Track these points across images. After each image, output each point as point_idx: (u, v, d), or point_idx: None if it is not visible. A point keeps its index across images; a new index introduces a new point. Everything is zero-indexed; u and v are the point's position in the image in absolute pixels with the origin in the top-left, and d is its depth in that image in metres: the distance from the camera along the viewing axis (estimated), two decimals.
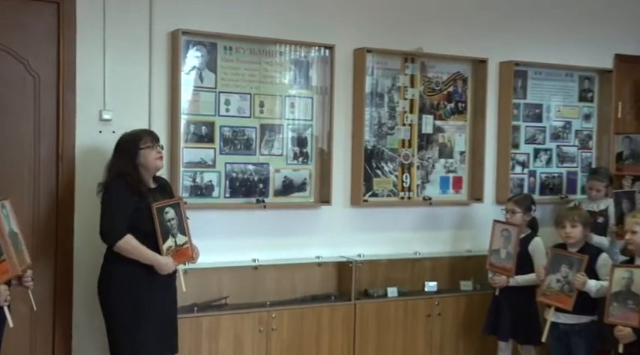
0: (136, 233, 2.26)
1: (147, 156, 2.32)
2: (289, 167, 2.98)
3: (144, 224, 2.27)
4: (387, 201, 3.17)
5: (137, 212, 2.26)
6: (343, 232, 3.09)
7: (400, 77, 3.21)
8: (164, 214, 2.31)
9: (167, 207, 2.32)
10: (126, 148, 2.32)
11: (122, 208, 2.23)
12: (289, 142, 2.96)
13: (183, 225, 2.38)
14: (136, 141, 2.32)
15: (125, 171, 2.28)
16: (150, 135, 2.37)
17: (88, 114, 2.60)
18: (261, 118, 2.90)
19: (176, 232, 2.35)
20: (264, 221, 2.91)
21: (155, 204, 2.28)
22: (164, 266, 2.27)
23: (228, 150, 2.84)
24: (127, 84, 2.65)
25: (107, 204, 2.25)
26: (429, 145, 3.30)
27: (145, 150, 2.31)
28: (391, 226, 3.20)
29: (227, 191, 2.84)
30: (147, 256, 2.25)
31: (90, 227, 2.47)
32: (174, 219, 2.34)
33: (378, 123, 3.16)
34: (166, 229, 2.31)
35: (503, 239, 2.94)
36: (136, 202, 2.26)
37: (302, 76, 2.98)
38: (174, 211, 2.35)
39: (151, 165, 2.33)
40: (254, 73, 2.87)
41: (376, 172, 3.17)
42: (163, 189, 2.46)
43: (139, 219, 2.26)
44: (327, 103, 3.00)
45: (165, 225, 2.30)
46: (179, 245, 2.35)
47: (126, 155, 2.31)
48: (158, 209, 2.29)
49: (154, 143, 2.35)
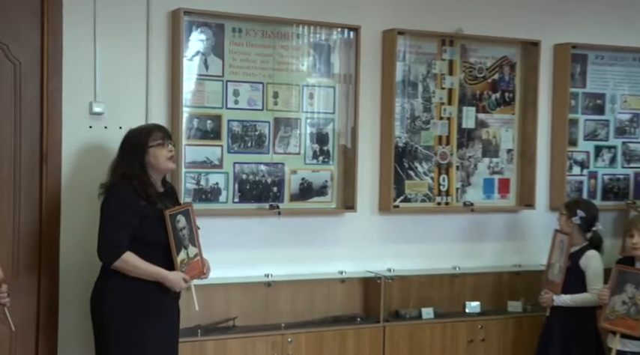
0: (142, 244, 2.15)
1: (157, 155, 2.21)
2: (308, 167, 2.90)
3: (152, 233, 2.17)
4: (421, 207, 3.09)
5: (145, 220, 2.15)
6: (370, 243, 3.02)
7: (437, 63, 3.11)
8: (176, 222, 2.22)
9: (178, 214, 2.23)
10: (133, 145, 2.22)
11: (124, 217, 2.13)
12: (308, 139, 2.89)
13: (194, 235, 2.30)
14: (145, 138, 2.21)
15: (132, 171, 2.17)
16: (161, 130, 2.27)
17: (76, 107, 2.53)
18: (275, 111, 2.82)
19: (187, 243, 2.27)
20: (278, 230, 2.83)
21: (168, 211, 2.18)
22: (174, 282, 2.18)
23: (238, 147, 2.77)
24: (121, 72, 2.58)
25: (107, 213, 2.15)
26: (470, 142, 3.20)
27: (155, 149, 2.20)
28: (426, 236, 3.12)
29: (236, 195, 2.77)
30: (151, 273, 2.16)
31: (79, 237, 2.44)
32: (186, 228, 2.26)
33: (411, 117, 3.08)
34: (179, 240, 2.22)
35: (559, 251, 2.84)
36: (143, 208, 2.15)
37: (322, 62, 2.90)
38: (185, 219, 2.26)
39: (162, 165, 2.22)
40: (267, 59, 2.80)
41: (408, 174, 3.08)
42: (171, 194, 2.37)
43: (147, 227, 2.16)
44: (351, 94, 2.92)
45: (177, 234, 2.20)
46: (191, 257, 2.26)
47: (133, 153, 2.20)
48: (172, 216, 2.19)
49: (166, 140, 2.24)
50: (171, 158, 2.28)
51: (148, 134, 2.22)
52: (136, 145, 2.22)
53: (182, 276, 2.22)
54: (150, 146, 2.20)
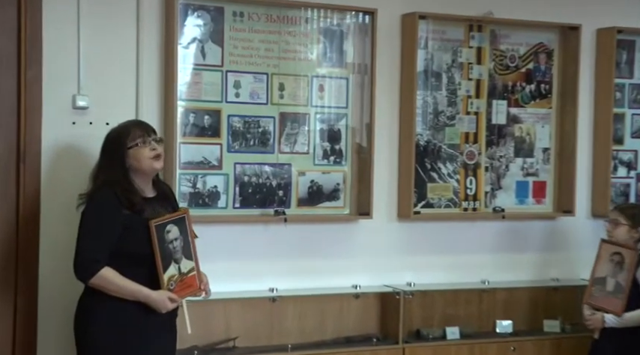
0: (125, 259, 2.10)
1: (138, 157, 2.14)
2: (317, 168, 2.84)
3: (138, 246, 2.10)
4: (445, 214, 3.03)
5: (128, 231, 2.09)
6: (388, 253, 2.96)
7: (463, 51, 3.05)
8: (165, 233, 2.14)
9: (169, 223, 2.15)
10: (111, 148, 2.16)
11: (104, 229, 2.07)
12: (317, 136, 2.84)
13: (190, 247, 2.22)
14: (122, 139, 2.14)
15: (113, 178, 2.11)
16: (140, 127, 2.19)
17: (58, 101, 2.47)
18: (281, 105, 2.77)
19: (180, 256, 2.18)
20: (284, 239, 2.78)
21: (153, 221, 2.10)
22: (158, 302, 2.11)
23: (239, 146, 2.71)
24: (108, 61, 2.53)
25: (85, 224, 2.10)
26: (501, 140, 3.13)
27: (134, 150, 2.13)
28: (451, 246, 3.05)
29: (236, 200, 2.71)
30: (132, 292, 2.09)
31: (61, 249, 2.36)
32: (179, 239, 2.18)
33: (434, 112, 3.01)
34: (168, 253, 2.14)
35: (612, 265, 2.74)
36: (126, 218, 2.09)
37: (334, 50, 2.83)
38: (178, 229, 2.18)
39: (145, 167, 2.15)
40: (272, 47, 2.73)
41: (431, 176, 3.01)
42: (165, 198, 2.27)
43: (130, 240, 2.09)
44: (366, 86, 2.87)
45: (166, 247, 2.13)
46: (184, 273, 2.17)
47: (113, 157, 2.15)
48: (158, 227, 2.11)
49: (146, 137, 2.17)
50: (157, 157, 2.18)
51: (125, 134, 2.15)
52: (114, 148, 2.16)
53: (168, 296, 2.13)
54: (129, 147, 2.13)
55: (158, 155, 2.18)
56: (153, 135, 2.21)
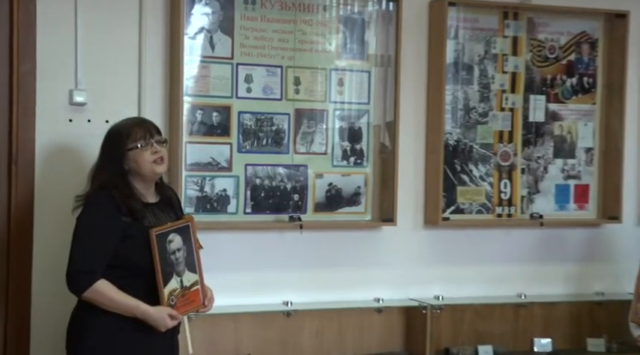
0: (124, 270, 2.04)
1: (138, 160, 2.08)
2: (336, 170, 2.77)
3: (137, 256, 2.04)
4: (477, 220, 2.95)
5: (127, 240, 2.03)
6: (414, 264, 2.90)
7: (497, 41, 2.96)
8: (167, 244, 2.07)
9: (172, 232, 2.09)
10: (110, 149, 2.11)
11: (100, 238, 2.01)
12: (336, 135, 2.77)
13: (194, 258, 2.16)
14: (122, 139, 2.08)
15: (111, 181, 2.06)
16: (142, 127, 2.13)
17: (53, 97, 2.43)
18: (296, 101, 2.70)
19: (183, 269, 2.12)
20: (300, 247, 2.72)
21: (155, 230, 2.06)
22: (157, 320, 2.04)
23: (250, 146, 2.65)
24: (109, 53, 2.49)
25: (79, 232, 2.04)
26: (539, 139, 3.04)
27: (135, 152, 2.07)
28: (483, 256, 2.97)
29: (248, 204, 2.65)
30: (128, 308, 2.02)
31: (55, 257, 2.30)
32: (182, 250, 2.11)
33: (465, 108, 2.92)
34: (169, 265, 2.08)
35: None
36: (125, 226, 2.03)
37: (355, 40, 2.76)
38: (181, 238, 2.11)
39: (145, 171, 2.09)
40: (286, 37, 2.67)
41: (461, 178, 2.93)
42: (169, 204, 2.21)
43: (129, 250, 2.04)
44: (390, 80, 2.80)
45: (167, 259, 2.07)
46: (186, 287, 2.12)
47: (111, 159, 2.10)
48: (159, 236, 2.05)
49: (149, 139, 2.10)
50: (159, 160, 2.11)
51: (126, 134, 2.09)
52: (113, 149, 2.10)
53: (168, 313, 2.06)
54: (128, 149, 2.07)
55: (161, 158, 2.11)
56: (157, 135, 2.15)
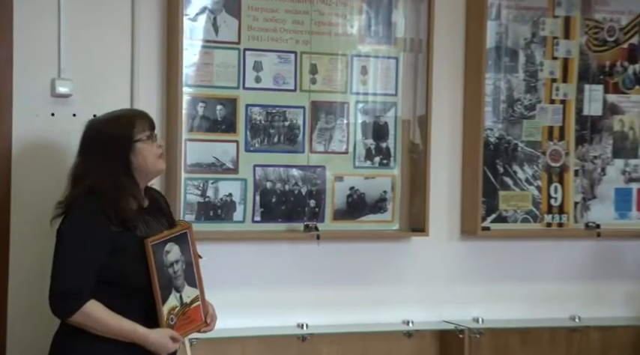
0: (114, 288, 1.94)
1: (146, 153, 1.99)
2: (359, 172, 2.68)
3: (131, 272, 1.95)
4: (522, 230, 2.84)
5: (118, 254, 1.94)
6: (448, 281, 2.81)
7: (547, 21, 2.84)
8: (164, 255, 2.00)
9: (169, 242, 2.01)
10: (112, 142, 1.99)
11: (88, 252, 1.92)
12: (359, 132, 2.68)
13: (193, 271, 2.08)
14: (127, 129, 1.99)
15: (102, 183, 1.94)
16: (144, 118, 2.06)
17: (33, 87, 2.37)
18: (312, 92, 2.61)
19: (182, 283, 2.04)
20: (316, 261, 2.64)
21: (150, 240, 1.97)
22: (157, 345, 1.95)
23: (260, 144, 2.56)
24: (97, 37, 2.41)
25: (63, 246, 1.93)
26: (595, 136, 2.93)
27: (143, 144, 1.99)
28: (530, 272, 2.88)
29: (257, 211, 2.56)
30: (124, 333, 1.93)
31: (34, 272, 2.24)
32: (180, 262, 2.04)
33: (508, 100, 2.82)
34: (167, 280, 2.00)
35: None
36: (115, 237, 1.94)
37: (380, 22, 2.66)
38: (179, 248, 2.04)
39: (151, 167, 2.02)
40: (302, 19, 2.57)
41: (504, 181, 2.82)
42: (158, 209, 2.13)
43: (121, 264, 1.94)
44: (421, 67, 2.70)
45: (165, 272, 1.99)
46: (186, 303, 2.04)
47: (111, 153, 1.98)
48: (156, 247, 1.98)
49: (152, 132, 2.04)
50: (162, 157, 2.06)
51: (131, 124, 1.99)
52: (115, 141, 1.98)
53: (170, 335, 1.96)
54: (136, 140, 1.98)
55: (162, 154, 2.06)
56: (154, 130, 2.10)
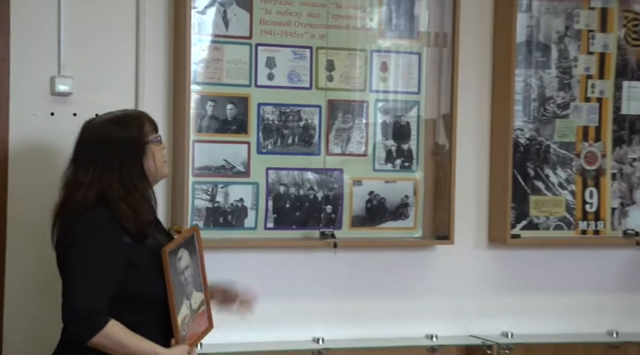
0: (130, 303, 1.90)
1: (156, 156, 1.97)
2: (379, 176, 2.66)
3: (146, 284, 1.92)
4: (555, 238, 2.81)
5: (133, 267, 1.89)
6: (475, 292, 2.79)
7: (581, 13, 2.81)
8: (177, 262, 1.98)
9: (180, 248, 2.00)
10: (125, 144, 1.94)
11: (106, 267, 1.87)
12: (379, 132, 2.66)
13: (199, 274, 2.07)
14: (140, 129, 1.95)
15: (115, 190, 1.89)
16: (150, 120, 2.02)
17: (31, 85, 2.36)
18: (329, 90, 2.59)
19: (191, 290, 2.03)
20: (333, 271, 2.63)
21: (168, 248, 1.94)
22: None
23: (273, 145, 2.55)
24: (99, 32, 2.40)
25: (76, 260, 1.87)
26: (634, 136, 2.90)
27: (154, 146, 1.97)
28: (563, 283, 2.85)
29: (269, 218, 2.55)
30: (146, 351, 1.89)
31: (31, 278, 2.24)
32: (190, 267, 2.03)
33: (540, 98, 2.79)
34: (180, 288, 1.99)
35: None
36: (129, 249, 1.90)
37: (402, 14, 2.65)
38: (188, 253, 2.03)
39: (159, 171, 2.01)
40: (318, 12, 2.55)
41: (535, 185, 2.79)
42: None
43: (137, 277, 1.91)
44: (446, 63, 2.68)
45: (179, 281, 1.98)
46: (194, 310, 2.03)
47: (126, 156, 1.94)
48: (171, 254, 1.94)
49: (159, 135, 2.03)
50: (165, 160, 2.06)
51: (140, 124, 1.95)
52: (129, 144, 1.93)
53: (187, 351, 1.94)
54: (148, 141, 1.94)
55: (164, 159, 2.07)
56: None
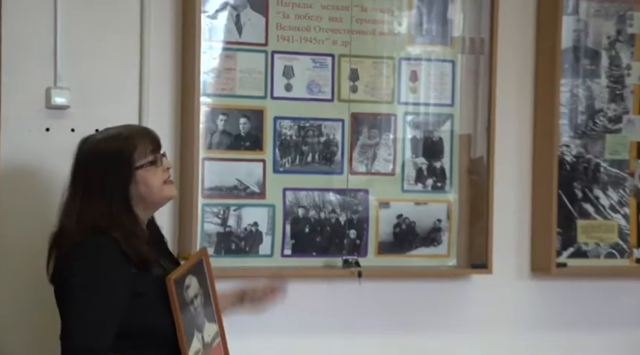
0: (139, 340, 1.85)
1: (150, 181, 1.91)
2: (408, 197, 2.60)
3: (156, 320, 1.87)
4: (606, 268, 2.75)
5: (139, 299, 1.86)
6: (517, 328, 2.72)
7: (635, 16, 2.76)
8: (185, 291, 1.93)
9: (188, 275, 1.96)
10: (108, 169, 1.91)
11: (108, 302, 1.83)
12: (408, 149, 2.61)
13: (211, 302, 2.02)
14: (127, 153, 1.89)
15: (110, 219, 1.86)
16: (149, 137, 1.94)
17: (24, 97, 2.31)
18: (353, 103, 2.54)
19: (203, 321, 1.97)
20: (358, 303, 2.56)
21: (173, 276, 1.88)
22: None
23: (290, 164, 2.49)
24: (99, 40, 2.36)
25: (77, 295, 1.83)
26: None
27: (145, 172, 1.90)
28: (616, 318, 2.78)
29: (287, 244, 2.49)
30: None
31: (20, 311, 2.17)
32: (199, 296, 1.98)
33: (588, 111, 2.74)
34: (190, 320, 1.93)
35: None
36: (135, 280, 1.86)
37: (434, 18, 2.60)
38: (197, 280, 1.98)
39: (157, 196, 1.93)
40: (340, 15, 2.50)
41: (583, 208, 2.74)
42: (160, 240, 2.07)
43: (143, 310, 1.86)
44: (483, 72, 2.62)
45: (187, 312, 1.93)
46: (208, 344, 1.98)
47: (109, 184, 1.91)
48: (177, 283, 1.91)
49: (159, 154, 1.95)
50: (170, 181, 1.95)
51: (132, 146, 1.88)
52: (114, 168, 1.88)
53: None
54: (137, 167, 1.87)
55: (171, 178, 1.95)
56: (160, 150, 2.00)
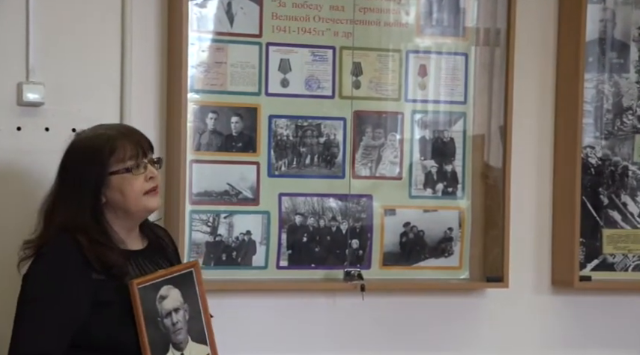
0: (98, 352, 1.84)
1: (126, 190, 1.90)
2: (416, 204, 2.59)
3: (121, 332, 1.85)
4: (635, 281, 2.72)
5: (103, 308, 1.85)
6: (536, 346, 2.69)
7: None
8: (157, 302, 1.89)
9: (164, 285, 1.91)
10: (80, 172, 1.93)
11: (59, 307, 1.82)
12: (416, 151, 2.60)
13: (202, 321, 2.00)
14: (101, 157, 1.89)
15: (78, 221, 1.87)
16: (131, 139, 1.93)
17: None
18: (356, 100, 2.52)
19: (184, 338, 1.94)
20: (360, 319, 2.54)
21: (137, 281, 1.86)
22: None
23: (287, 167, 2.47)
24: (76, 30, 2.33)
25: (28, 299, 1.85)
26: None
27: (120, 178, 1.89)
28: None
29: (283, 254, 2.48)
30: None
31: None
32: (182, 311, 1.94)
33: (615, 109, 2.72)
34: (160, 335, 1.90)
35: None
36: (98, 287, 1.85)
37: (445, 7, 2.59)
38: (180, 293, 1.95)
39: (133, 205, 1.92)
40: (342, 4, 2.49)
41: (609, 216, 2.73)
42: (159, 250, 2.06)
43: (106, 321, 1.85)
44: (499, 66, 2.61)
45: (158, 325, 1.89)
46: None
47: (79, 187, 1.93)
48: (144, 291, 1.87)
49: (141, 158, 1.93)
50: (154, 190, 1.92)
51: (109, 150, 1.87)
52: (85, 172, 1.88)
53: None
54: (111, 172, 1.87)
55: (155, 187, 1.92)
56: (150, 153, 1.93)
